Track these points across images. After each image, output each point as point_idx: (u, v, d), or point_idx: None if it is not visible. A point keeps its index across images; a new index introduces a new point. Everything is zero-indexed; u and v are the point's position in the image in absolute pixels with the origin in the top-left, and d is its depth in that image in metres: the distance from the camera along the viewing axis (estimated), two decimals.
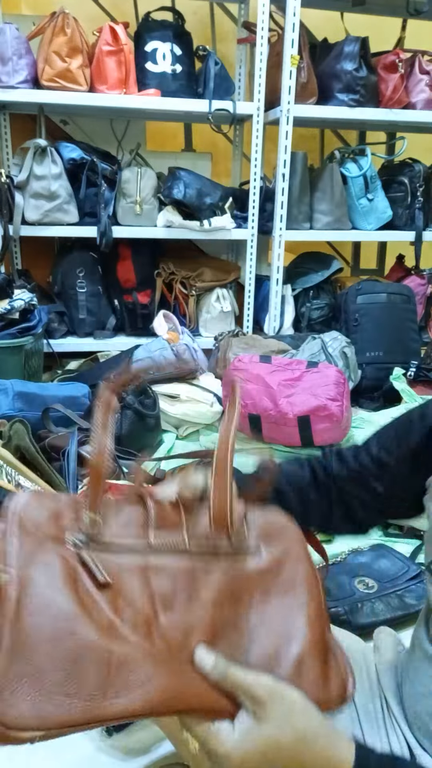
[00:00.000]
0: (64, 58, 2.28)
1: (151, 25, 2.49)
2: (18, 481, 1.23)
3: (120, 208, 2.52)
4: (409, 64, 2.61)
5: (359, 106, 2.53)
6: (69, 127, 2.86)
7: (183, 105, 2.47)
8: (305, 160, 2.63)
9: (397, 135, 3.12)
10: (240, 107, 2.50)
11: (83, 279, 2.64)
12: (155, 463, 1.84)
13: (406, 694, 0.75)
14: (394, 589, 1.27)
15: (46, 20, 2.30)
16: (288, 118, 2.47)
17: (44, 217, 2.43)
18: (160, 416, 2.03)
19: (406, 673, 0.76)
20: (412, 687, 0.74)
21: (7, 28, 2.24)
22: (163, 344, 2.36)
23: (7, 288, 2.15)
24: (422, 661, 0.72)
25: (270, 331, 2.71)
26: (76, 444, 1.49)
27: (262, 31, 2.43)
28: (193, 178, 2.50)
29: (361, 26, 2.71)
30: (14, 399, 1.77)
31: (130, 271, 2.69)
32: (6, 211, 2.37)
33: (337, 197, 2.64)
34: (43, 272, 2.80)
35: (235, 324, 2.80)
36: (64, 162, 2.44)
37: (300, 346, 2.41)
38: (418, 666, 0.73)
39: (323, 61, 2.57)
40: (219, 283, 2.76)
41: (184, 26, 2.56)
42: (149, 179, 2.51)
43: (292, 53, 2.40)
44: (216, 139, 2.99)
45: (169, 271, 2.72)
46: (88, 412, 1.92)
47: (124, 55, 2.33)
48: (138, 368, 0.66)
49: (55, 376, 2.47)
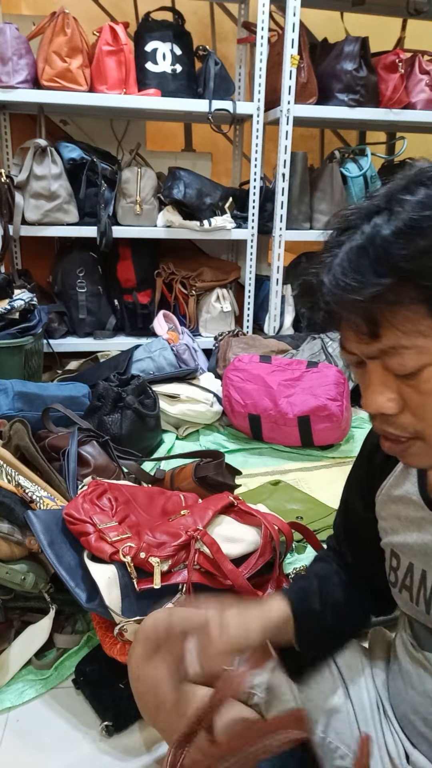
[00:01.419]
0: (64, 58, 2.28)
1: (151, 25, 2.49)
2: (18, 481, 1.23)
3: (120, 208, 2.52)
4: (409, 64, 2.61)
5: (359, 106, 2.53)
6: (69, 127, 2.86)
7: (183, 105, 2.47)
8: (305, 160, 2.63)
9: (397, 135, 3.12)
10: (240, 107, 2.50)
11: (83, 279, 2.64)
12: (155, 463, 1.84)
13: (392, 695, 0.76)
14: None
15: (46, 20, 2.30)
16: (288, 118, 2.47)
17: (44, 217, 2.43)
18: (160, 416, 2.03)
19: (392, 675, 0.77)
20: (397, 688, 0.75)
21: (7, 28, 2.24)
22: (163, 344, 2.36)
23: (7, 288, 2.15)
24: (405, 663, 0.73)
25: (270, 331, 2.71)
26: (76, 444, 1.49)
27: (262, 31, 2.44)
28: (193, 178, 2.50)
29: (361, 26, 2.71)
30: (14, 399, 1.77)
31: (130, 271, 2.69)
32: (6, 211, 2.37)
33: (337, 197, 2.64)
34: (43, 272, 2.80)
35: (235, 324, 2.80)
36: (64, 162, 2.44)
37: (300, 346, 2.41)
38: (402, 668, 0.74)
39: (323, 61, 2.57)
40: (219, 283, 2.76)
41: (184, 26, 2.56)
42: (149, 179, 2.51)
43: (292, 53, 2.40)
44: (216, 139, 2.99)
45: (169, 271, 2.72)
46: (88, 412, 1.92)
47: (124, 55, 2.33)
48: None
49: (55, 376, 2.47)
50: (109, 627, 1.04)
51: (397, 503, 0.73)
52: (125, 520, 1.13)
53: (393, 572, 0.74)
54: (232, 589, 1.06)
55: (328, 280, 0.56)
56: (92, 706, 1.04)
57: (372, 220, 0.55)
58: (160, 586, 1.00)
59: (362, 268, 0.54)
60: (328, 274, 0.56)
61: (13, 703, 1.05)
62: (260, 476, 1.86)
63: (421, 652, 0.71)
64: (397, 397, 0.58)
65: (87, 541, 1.06)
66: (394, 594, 0.74)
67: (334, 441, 2.05)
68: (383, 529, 0.76)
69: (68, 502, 1.19)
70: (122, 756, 0.97)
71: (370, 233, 0.54)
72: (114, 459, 1.58)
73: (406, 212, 0.53)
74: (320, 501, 1.65)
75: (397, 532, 0.72)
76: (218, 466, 1.54)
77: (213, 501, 1.19)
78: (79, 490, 1.22)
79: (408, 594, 0.71)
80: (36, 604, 1.14)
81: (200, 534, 1.06)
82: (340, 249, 0.56)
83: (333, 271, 0.56)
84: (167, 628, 0.75)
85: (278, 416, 1.99)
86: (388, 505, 0.74)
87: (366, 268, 0.54)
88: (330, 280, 0.56)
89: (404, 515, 0.71)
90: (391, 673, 0.79)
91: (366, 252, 0.54)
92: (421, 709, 0.69)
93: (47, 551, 1.06)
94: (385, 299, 0.53)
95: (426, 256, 0.52)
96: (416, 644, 0.72)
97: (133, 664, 0.79)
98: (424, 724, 0.69)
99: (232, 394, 2.07)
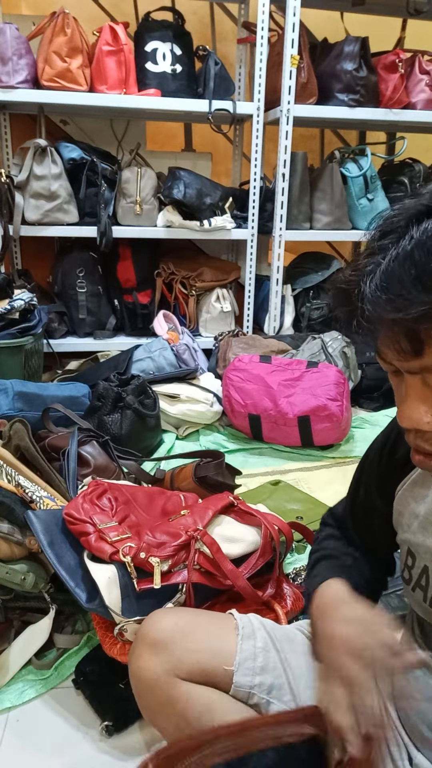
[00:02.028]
0: (64, 58, 2.28)
1: (151, 25, 2.49)
2: (18, 481, 1.23)
3: (120, 208, 2.52)
4: (409, 64, 2.61)
5: (359, 106, 2.53)
6: (69, 127, 2.86)
7: (183, 105, 2.47)
8: (305, 160, 2.63)
9: (397, 135, 3.12)
10: (240, 107, 2.50)
11: (83, 279, 2.64)
12: (155, 463, 1.84)
13: None
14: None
15: (46, 20, 2.30)
16: (288, 118, 2.47)
17: (44, 217, 2.43)
18: (160, 416, 2.03)
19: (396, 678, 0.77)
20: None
21: (7, 28, 2.24)
22: (163, 344, 2.36)
23: (7, 288, 2.15)
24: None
25: (270, 331, 2.71)
26: (76, 444, 1.49)
27: (262, 31, 2.44)
28: (193, 178, 2.50)
29: (361, 26, 2.71)
30: (14, 399, 1.77)
31: (130, 271, 2.69)
32: (6, 211, 2.37)
33: (337, 197, 2.64)
34: (43, 272, 2.80)
35: (235, 324, 2.80)
36: (64, 162, 2.44)
37: (300, 346, 2.41)
38: (407, 672, 0.74)
39: (323, 61, 2.57)
40: (219, 283, 2.76)
41: (184, 26, 2.56)
42: (149, 179, 2.51)
43: (292, 53, 2.40)
44: (216, 139, 2.99)
45: (169, 271, 2.72)
46: (88, 412, 1.92)
47: (124, 55, 2.33)
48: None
49: (55, 376, 2.47)
50: (109, 627, 1.04)
51: (419, 502, 0.72)
52: (125, 520, 1.13)
53: (408, 570, 0.73)
54: (231, 589, 1.06)
55: (370, 292, 0.50)
56: (92, 706, 1.04)
57: (421, 224, 0.49)
58: (160, 586, 1.00)
59: (408, 282, 0.48)
60: (369, 284, 0.51)
61: (13, 703, 1.05)
62: (260, 476, 1.86)
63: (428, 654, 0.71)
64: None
65: (87, 541, 1.06)
66: (407, 592, 0.74)
67: (334, 441, 2.05)
68: (399, 524, 0.76)
69: (68, 502, 1.19)
70: (122, 756, 0.97)
71: (419, 240, 0.48)
72: (114, 459, 1.58)
73: None
74: (320, 501, 1.65)
75: (414, 531, 0.72)
76: (218, 466, 1.54)
77: (213, 501, 1.19)
78: (79, 490, 1.22)
79: (422, 594, 0.71)
80: (36, 604, 1.14)
81: (200, 534, 1.06)
82: (384, 255, 0.51)
83: (375, 282, 0.50)
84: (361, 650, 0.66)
85: (278, 416, 1.99)
86: (408, 502, 0.74)
87: (413, 282, 0.48)
88: (372, 291, 0.50)
89: (423, 515, 0.71)
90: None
91: (413, 262, 0.48)
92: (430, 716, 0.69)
93: (47, 551, 1.06)
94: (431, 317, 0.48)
95: None
96: (425, 645, 0.72)
97: (133, 665, 0.79)
98: (428, 729, 0.69)
99: (232, 394, 2.07)
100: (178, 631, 0.78)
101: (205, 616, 0.85)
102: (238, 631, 0.80)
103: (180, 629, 0.79)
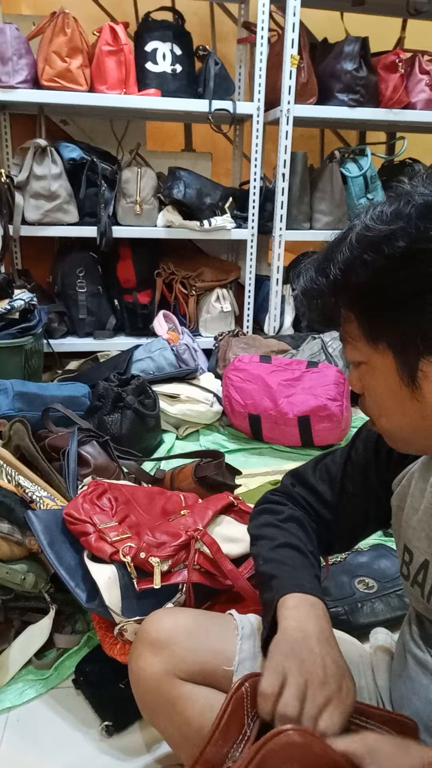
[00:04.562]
0: (64, 58, 2.28)
1: (151, 25, 2.49)
2: (18, 481, 1.23)
3: (120, 208, 2.52)
4: (409, 64, 2.61)
5: (359, 106, 2.53)
6: (69, 127, 2.86)
7: (183, 105, 2.47)
8: (305, 160, 2.63)
9: (397, 135, 3.12)
10: (240, 107, 2.50)
11: (83, 279, 2.64)
12: (155, 463, 1.84)
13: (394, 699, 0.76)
14: (394, 588, 1.27)
15: (46, 20, 2.30)
16: (288, 118, 2.47)
17: (44, 217, 2.43)
18: (160, 416, 2.03)
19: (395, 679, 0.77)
20: (399, 693, 0.75)
21: (7, 28, 2.24)
22: (163, 344, 2.36)
23: (7, 288, 2.15)
24: (409, 668, 0.73)
25: (270, 331, 2.71)
26: (76, 444, 1.49)
27: (262, 31, 2.44)
28: (193, 178, 2.50)
29: (361, 26, 2.71)
30: (14, 399, 1.77)
31: (130, 271, 2.69)
32: (6, 211, 2.37)
33: (337, 197, 2.64)
34: (43, 272, 2.80)
35: (235, 324, 2.80)
36: (64, 162, 2.44)
37: (300, 346, 2.42)
38: (405, 673, 0.74)
39: (323, 61, 2.57)
40: (219, 283, 2.76)
41: (184, 26, 2.56)
42: (149, 179, 2.51)
43: (292, 53, 2.40)
44: (216, 139, 2.99)
45: (169, 271, 2.72)
46: (88, 412, 1.92)
47: (124, 55, 2.33)
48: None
49: (55, 376, 2.47)
50: (109, 627, 1.04)
51: (417, 496, 0.72)
52: (125, 520, 1.13)
53: (405, 566, 0.74)
54: (231, 589, 1.06)
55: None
56: (92, 706, 1.04)
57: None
58: (160, 586, 1.00)
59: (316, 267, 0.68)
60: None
61: (13, 703, 1.05)
62: (260, 476, 1.86)
63: (427, 652, 0.71)
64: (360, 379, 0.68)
65: (87, 541, 1.06)
66: (406, 588, 0.74)
67: (334, 441, 2.05)
68: (397, 517, 0.76)
69: (68, 502, 1.19)
70: (122, 756, 0.97)
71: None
72: (114, 459, 1.58)
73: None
74: None
75: (412, 525, 0.72)
76: (218, 466, 1.54)
77: (213, 501, 1.19)
78: (79, 490, 1.22)
79: (420, 590, 0.71)
80: (36, 604, 1.14)
81: (200, 534, 1.06)
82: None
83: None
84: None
85: (278, 416, 1.99)
86: (405, 495, 0.74)
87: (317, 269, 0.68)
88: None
89: (423, 509, 0.71)
90: (393, 676, 0.79)
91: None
92: (424, 717, 0.69)
93: (47, 551, 1.06)
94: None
95: (352, 270, 0.61)
96: (423, 643, 0.72)
97: (133, 665, 0.79)
98: (424, 731, 0.69)
99: (232, 394, 2.07)
100: (178, 632, 0.78)
101: (205, 617, 0.85)
102: (238, 632, 0.80)
103: (180, 629, 0.79)
